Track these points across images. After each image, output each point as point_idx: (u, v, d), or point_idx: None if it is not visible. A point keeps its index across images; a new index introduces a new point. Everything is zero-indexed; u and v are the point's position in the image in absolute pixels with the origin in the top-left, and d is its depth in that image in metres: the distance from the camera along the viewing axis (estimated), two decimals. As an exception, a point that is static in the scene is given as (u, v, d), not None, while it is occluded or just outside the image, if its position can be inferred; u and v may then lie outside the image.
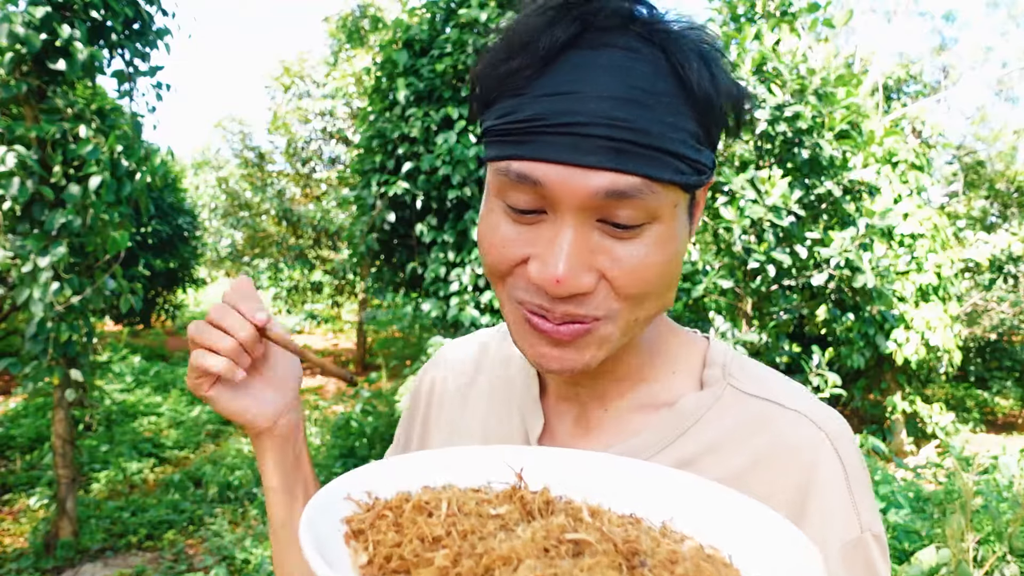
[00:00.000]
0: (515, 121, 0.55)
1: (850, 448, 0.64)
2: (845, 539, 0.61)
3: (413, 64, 6.59)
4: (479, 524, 0.48)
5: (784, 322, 6.91)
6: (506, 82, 0.57)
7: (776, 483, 0.62)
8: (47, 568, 4.55)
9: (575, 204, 0.55)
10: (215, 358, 0.68)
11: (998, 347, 11.54)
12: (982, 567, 2.64)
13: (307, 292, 15.02)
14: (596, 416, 0.71)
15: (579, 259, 0.56)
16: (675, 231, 0.59)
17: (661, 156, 0.54)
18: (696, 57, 0.56)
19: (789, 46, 6.42)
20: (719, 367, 0.69)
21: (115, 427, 7.45)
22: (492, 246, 0.60)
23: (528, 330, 0.61)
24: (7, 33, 3.82)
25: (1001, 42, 26.09)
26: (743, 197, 6.06)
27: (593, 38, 0.55)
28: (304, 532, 0.42)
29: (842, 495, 0.62)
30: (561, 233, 0.56)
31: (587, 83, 0.53)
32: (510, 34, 0.57)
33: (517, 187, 0.57)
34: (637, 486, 0.55)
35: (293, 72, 14.33)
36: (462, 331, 6.09)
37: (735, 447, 0.64)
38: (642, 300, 0.59)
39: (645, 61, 0.55)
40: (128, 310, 4.63)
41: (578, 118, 0.53)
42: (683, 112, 0.55)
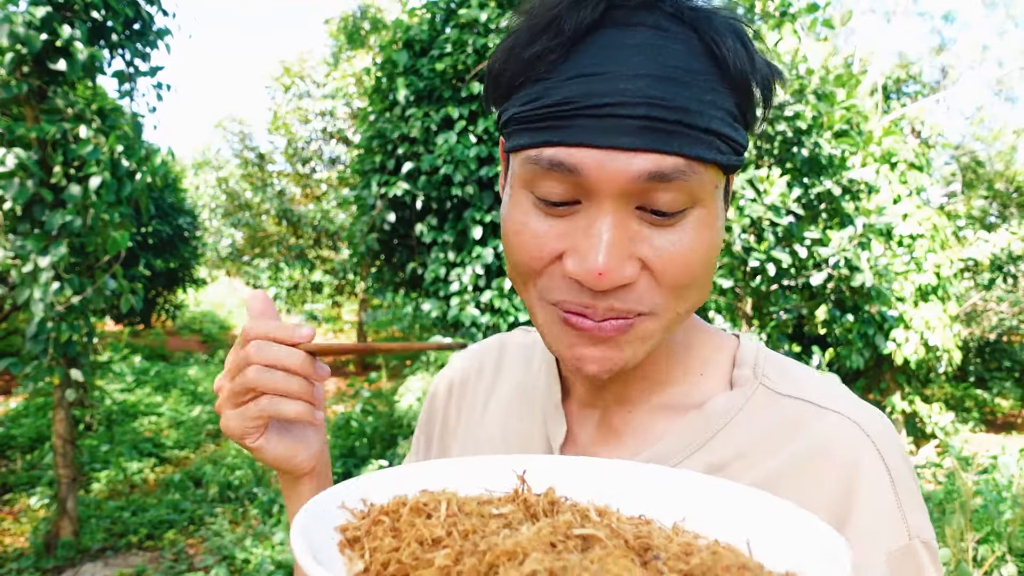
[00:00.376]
0: (545, 106, 0.52)
1: (895, 450, 0.60)
2: (892, 548, 0.56)
3: (413, 64, 6.59)
4: (481, 524, 0.45)
5: (784, 322, 6.92)
6: (531, 67, 0.53)
7: (814, 489, 0.58)
8: (47, 568, 4.55)
9: (614, 191, 0.51)
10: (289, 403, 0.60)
11: (998, 347, 11.55)
12: (981, 567, 2.65)
13: (307, 292, 15.02)
14: (620, 420, 0.67)
15: (620, 248, 0.52)
16: (715, 215, 0.56)
17: (702, 135, 0.52)
18: (731, 34, 0.54)
19: (788, 46, 6.42)
20: (750, 367, 0.65)
21: (115, 427, 7.46)
22: (522, 243, 0.56)
23: (565, 330, 0.57)
24: (8, 33, 3.83)
25: (1000, 42, 26.10)
26: (743, 196, 6.07)
27: (621, 16, 0.52)
28: (297, 538, 0.41)
29: (888, 500, 0.57)
30: (599, 222, 0.52)
31: (619, 63, 0.51)
32: (532, 17, 0.54)
33: (550, 176, 0.53)
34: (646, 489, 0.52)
35: (293, 72, 14.34)
36: (462, 331, 6.09)
37: (768, 451, 0.60)
38: (685, 292, 0.56)
39: (677, 40, 0.52)
40: (128, 310, 4.63)
41: (615, 98, 0.50)
42: (720, 90, 0.53)
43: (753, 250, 6.08)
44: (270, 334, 0.60)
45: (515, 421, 0.73)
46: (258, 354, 0.60)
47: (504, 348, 0.82)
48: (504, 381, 0.78)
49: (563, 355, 0.58)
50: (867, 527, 0.57)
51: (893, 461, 0.59)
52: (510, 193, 0.58)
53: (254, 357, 0.60)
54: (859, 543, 0.56)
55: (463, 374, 0.83)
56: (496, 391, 0.78)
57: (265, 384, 0.60)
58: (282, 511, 5.45)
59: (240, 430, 0.62)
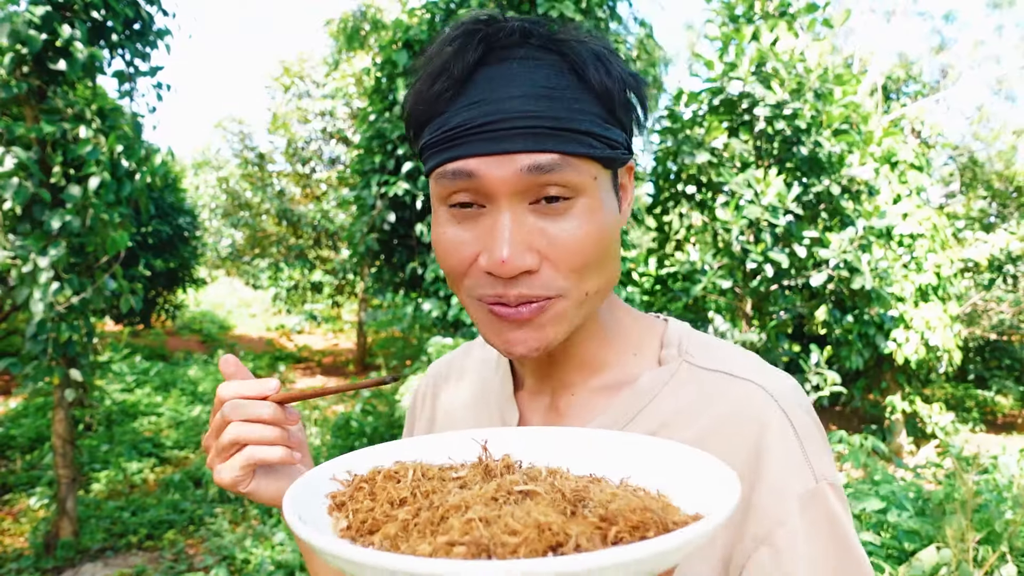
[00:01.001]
0: (446, 131, 0.64)
1: (797, 406, 0.68)
2: (801, 491, 0.64)
3: (413, 64, 6.59)
4: (440, 486, 0.55)
5: (783, 322, 6.92)
6: (433, 105, 0.65)
7: (732, 446, 0.66)
8: (47, 568, 4.55)
9: (507, 190, 0.62)
10: (269, 449, 0.68)
11: (998, 346, 11.54)
12: (982, 567, 2.65)
13: (307, 292, 15.02)
14: (565, 403, 0.76)
15: (519, 240, 0.62)
16: (600, 203, 0.65)
17: (572, 135, 0.62)
18: (590, 56, 0.64)
19: (787, 45, 6.41)
20: (675, 346, 0.75)
21: (115, 427, 7.46)
22: (446, 252, 0.67)
23: (491, 320, 0.67)
24: (8, 33, 3.82)
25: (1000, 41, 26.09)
26: (741, 197, 6.06)
27: (498, 54, 0.64)
28: (287, 506, 0.49)
29: (793, 450, 0.65)
30: (499, 220, 0.63)
31: (499, 90, 0.62)
32: (428, 65, 0.66)
33: (456, 184, 0.64)
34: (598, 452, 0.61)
35: (293, 72, 14.34)
36: (463, 330, 6.09)
37: (691, 418, 0.69)
38: (584, 273, 0.65)
39: (546, 65, 0.63)
40: (128, 310, 4.63)
41: (497, 116, 0.61)
42: (585, 99, 0.64)
43: (751, 251, 6.08)
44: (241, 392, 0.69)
45: (478, 415, 0.85)
46: (233, 412, 0.68)
47: (469, 356, 0.93)
48: (469, 384, 0.89)
49: (494, 342, 0.68)
50: (778, 475, 0.64)
51: (796, 416, 0.67)
52: (433, 213, 0.70)
53: (230, 415, 0.68)
54: (772, 490, 0.64)
55: (435, 380, 0.94)
56: (462, 393, 0.89)
57: (247, 437, 0.68)
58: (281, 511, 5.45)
59: (231, 480, 0.69)
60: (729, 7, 6.97)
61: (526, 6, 6.25)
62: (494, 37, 0.64)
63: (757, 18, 6.91)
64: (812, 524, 0.63)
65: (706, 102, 6.82)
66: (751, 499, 0.65)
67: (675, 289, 7.19)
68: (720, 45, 6.70)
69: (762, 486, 0.64)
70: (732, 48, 6.58)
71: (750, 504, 0.64)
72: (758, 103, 6.23)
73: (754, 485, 0.65)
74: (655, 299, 7.57)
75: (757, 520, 0.64)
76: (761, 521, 0.63)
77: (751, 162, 6.60)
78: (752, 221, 6.03)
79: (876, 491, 3.28)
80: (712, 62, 6.67)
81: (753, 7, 6.88)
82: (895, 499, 3.18)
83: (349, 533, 0.51)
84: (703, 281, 6.56)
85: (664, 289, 7.45)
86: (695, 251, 7.05)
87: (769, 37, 6.32)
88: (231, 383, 0.70)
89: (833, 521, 0.64)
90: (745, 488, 0.65)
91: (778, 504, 0.63)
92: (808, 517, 0.63)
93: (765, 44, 6.26)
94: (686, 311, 7.21)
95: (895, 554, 2.90)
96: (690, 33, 19.22)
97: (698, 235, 7.40)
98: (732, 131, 6.80)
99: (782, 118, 6.22)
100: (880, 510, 3.12)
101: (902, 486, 3.54)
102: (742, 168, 6.60)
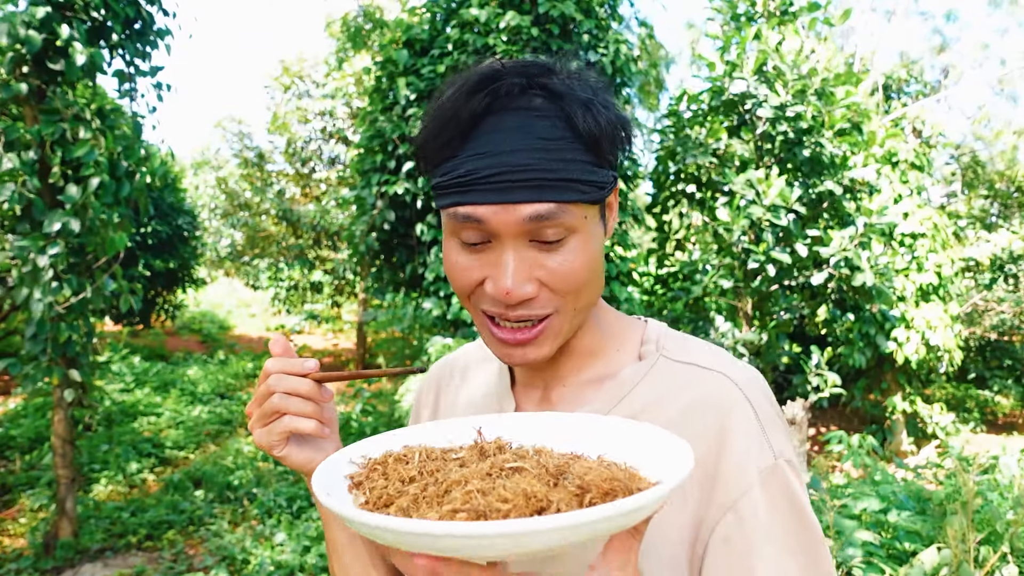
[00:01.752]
0: (455, 177, 0.73)
1: (758, 393, 0.78)
2: (762, 467, 0.73)
3: (413, 64, 6.59)
4: (443, 465, 0.64)
5: (784, 322, 6.90)
6: (441, 150, 0.74)
7: (700, 430, 0.75)
8: (47, 568, 4.55)
9: (511, 232, 0.72)
10: (304, 421, 0.78)
11: (999, 345, 11.53)
12: (983, 567, 2.64)
13: (307, 292, 15.02)
14: (557, 393, 0.87)
15: (521, 273, 0.73)
16: (590, 236, 0.76)
17: (566, 184, 0.72)
18: (580, 106, 0.72)
19: (790, 46, 6.40)
20: (653, 342, 0.85)
21: (115, 427, 7.45)
22: (456, 275, 0.78)
23: (493, 337, 0.78)
24: (8, 33, 3.82)
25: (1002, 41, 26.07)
26: (743, 197, 6.05)
27: (501, 104, 0.72)
28: (316, 485, 0.60)
29: (754, 431, 0.74)
30: (504, 256, 0.73)
31: (502, 143, 0.71)
32: (439, 110, 0.75)
33: (465, 226, 0.74)
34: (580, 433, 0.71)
35: (293, 72, 14.34)
36: (463, 330, 6.08)
37: (665, 405, 0.78)
38: (577, 294, 0.76)
39: (544, 116, 0.72)
40: (128, 310, 4.63)
41: (501, 168, 0.70)
42: (578, 148, 0.73)
43: (753, 251, 6.07)
44: (285, 368, 0.79)
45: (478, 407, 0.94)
46: (277, 384, 0.78)
47: (469, 355, 1.02)
48: (470, 381, 0.98)
49: (495, 352, 0.80)
50: (741, 452, 0.73)
51: (757, 401, 0.77)
52: (444, 239, 0.80)
53: (274, 387, 0.78)
54: (736, 465, 0.73)
55: (439, 383, 1.04)
56: (464, 390, 0.98)
57: (286, 407, 0.78)
58: (282, 511, 5.45)
59: (268, 443, 0.80)
60: (731, 5, 6.96)
61: (527, 5, 6.25)
62: (499, 89, 0.73)
63: (759, 17, 6.90)
64: (771, 495, 0.72)
65: (707, 102, 6.82)
66: (717, 472, 0.73)
67: (675, 289, 7.18)
68: (721, 44, 6.69)
69: (727, 461, 0.73)
70: (734, 48, 6.57)
71: (717, 476, 0.73)
72: (761, 104, 6.22)
73: (719, 460, 0.73)
74: (655, 299, 7.56)
75: (724, 490, 0.72)
76: (727, 491, 0.72)
77: (751, 162, 6.59)
78: (754, 221, 6.02)
79: (876, 491, 3.28)
80: (713, 63, 6.66)
81: (755, 5, 6.87)
82: (895, 499, 3.17)
83: (367, 507, 0.59)
84: (704, 281, 6.55)
85: (664, 289, 7.44)
86: (696, 251, 7.04)
87: (775, 38, 6.31)
88: (277, 359, 0.79)
89: (790, 494, 0.73)
90: (711, 463, 0.74)
91: (741, 476, 0.72)
92: (768, 489, 0.72)
93: (768, 45, 6.25)
94: (686, 311, 7.21)
95: (895, 554, 2.89)
96: (692, 32, 19.21)
97: (698, 235, 7.39)
98: (733, 131, 6.80)
99: (785, 119, 6.21)
100: (880, 510, 3.11)
101: (902, 486, 3.53)
102: (742, 168, 6.59)
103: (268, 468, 6.55)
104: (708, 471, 0.74)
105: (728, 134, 6.73)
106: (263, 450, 0.81)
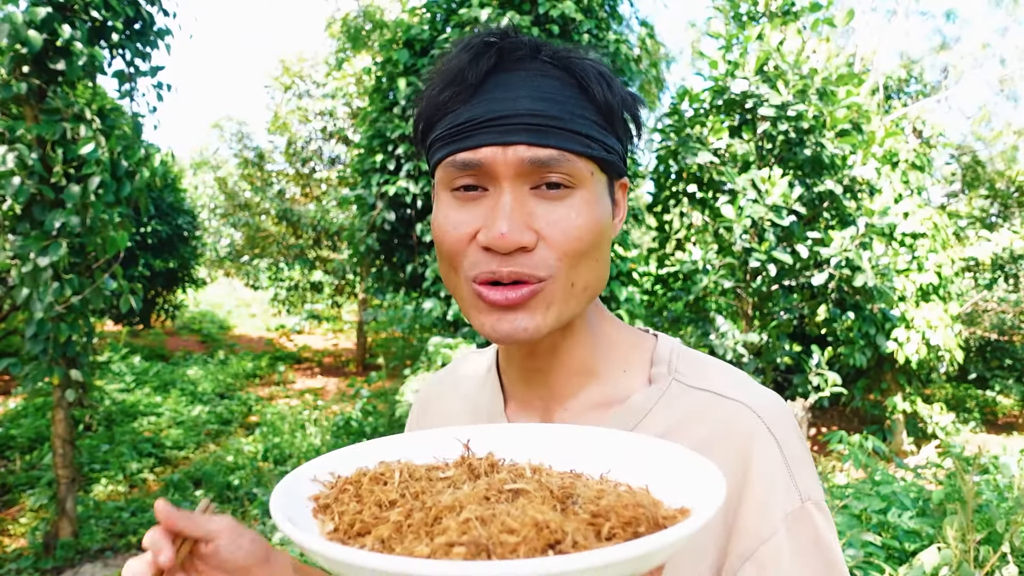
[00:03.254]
0: (455, 125, 0.68)
1: (784, 427, 0.71)
2: (788, 510, 0.66)
3: (414, 63, 6.59)
4: (429, 486, 0.54)
5: (784, 322, 6.90)
6: (445, 107, 0.69)
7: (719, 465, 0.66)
8: (47, 568, 4.54)
9: (509, 174, 0.66)
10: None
11: (999, 346, 11.52)
12: (983, 567, 2.64)
13: (307, 292, 15.02)
14: (557, 416, 0.78)
15: (518, 217, 0.66)
16: (596, 198, 0.69)
17: (570, 134, 0.67)
18: (594, 73, 0.69)
19: (792, 46, 6.40)
20: (665, 364, 0.77)
21: (115, 427, 7.45)
22: (445, 232, 0.70)
23: (481, 305, 0.69)
24: (8, 33, 3.82)
25: (1002, 41, 26.07)
26: (744, 196, 6.05)
27: (509, 64, 0.69)
28: (275, 511, 0.49)
29: (780, 470, 0.68)
30: (501, 199, 0.66)
31: (508, 91, 0.67)
32: (443, 70, 0.70)
33: (462, 173, 0.68)
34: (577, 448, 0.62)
35: (293, 72, 14.33)
36: (463, 330, 6.08)
37: (681, 437, 0.70)
38: (576, 261, 0.68)
39: (552, 78, 0.68)
40: (128, 310, 4.63)
41: (504, 111, 0.66)
42: (587, 107, 0.68)
43: (754, 250, 6.06)
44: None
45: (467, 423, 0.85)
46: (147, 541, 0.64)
47: (457, 372, 0.95)
48: (458, 399, 0.90)
49: (482, 325, 0.69)
50: (764, 494, 0.67)
51: (784, 436, 0.70)
52: (436, 201, 0.73)
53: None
54: (758, 509, 0.66)
55: (425, 405, 0.96)
56: (452, 409, 0.90)
57: None
58: (282, 511, 5.44)
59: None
60: (734, 4, 6.96)
61: (527, 5, 6.25)
62: (507, 49, 0.69)
63: (760, 16, 6.90)
64: (797, 542, 0.65)
65: (708, 101, 6.82)
66: (737, 516, 0.66)
67: (675, 289, 7.18)
68: (723, 44, 6.69)
69: (748, 505, 0.66)
70: (736, 47, 6.57)
71: (736, 521, 0.66)
72: (762, 103, 6.22)
73: (740, 504, 0.67)
74: (655, 299, 7.56)
75: (744, 537, 0.66)
76: (748, 539, 0.66)
77: (752, 161, 6.59)
78: (755, 221, 6.01)
79: (876, 491, 3.27)
80: (716, 62, 6.66)
81: (757, 5, 6.87)
82: (895, 499, 3.17)
83: (337, 536, 0.50)
84: (704, 281, 6.54)
85: (664, 289, 7.44)
86: (696, 250, 7.04)
87: (776, 37, 6.30)
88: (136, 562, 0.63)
89: (818, 540, 0.66)
90: (731, 506, 0.67)
91: (763, 523, 0.66)
92: (794, 536, 0.65)
93: (771, 45, 6.25)
94: (686, 311, 7.20)
95: (895, 554, 2.89)
96: (693, 31, 19.22)
97: (699, 234, 7.39)
98: (734, 131, 6.79)
99: (786, 119, 6.21)
100: (880, 510, 3.11)
101: (902, 486, 3.53)
102: (744, 168, 6.59)
103: (268, 468, 6.55)
104: (727, 515, 0.67)
105: (729, 133, 6.73)
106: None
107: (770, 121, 6.34)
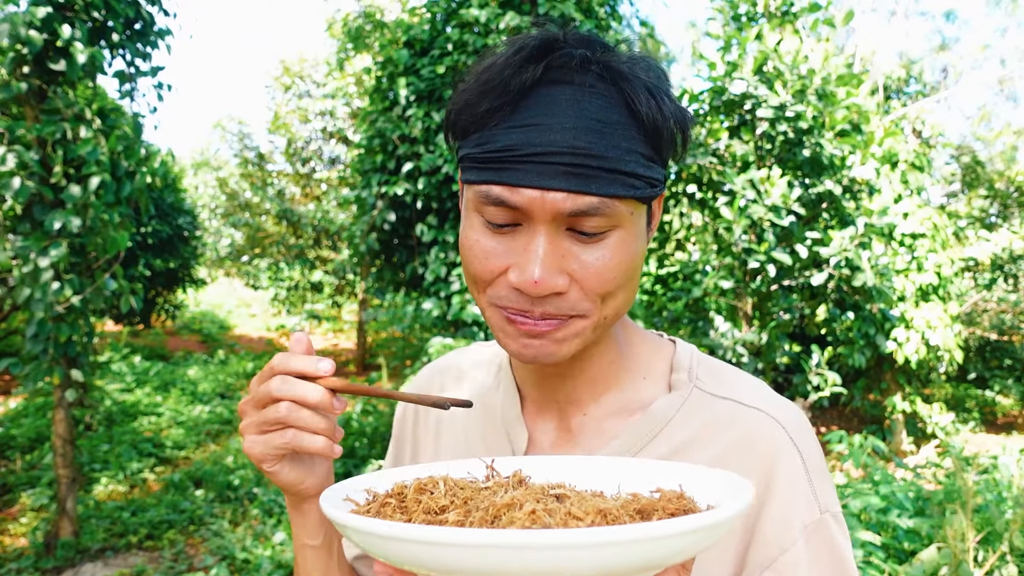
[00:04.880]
0: (492, 150, 0.63)
1: (807, 439, 0.71)
2: (807, 521, 0.67)
3: (414, 64, 6.59)
4: (474, 494, 0.55)
5: (784, 322, 6.91)
6: (481, 119, 0.65)
7: (742, 474, 0.66)
8: (47, 568, 4.55)
9: (547, 218, 0.63)
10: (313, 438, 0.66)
11: (999, 346, 11.52)
12: (983, 567, 2.65)
13: (307, 292, 15.01)
14: (576, 423, 0.77)
15: (552, 263, 0.63)
16: (634, 236, 0.67)
17: (616, 176, 0.63)
18: (644, 91, 0.64)
19: (790, 46, 6.40)
20: (685, 371, 0.76)
21: (115, 427, 7.45)
22: (475, 258, 0.67)
23: (510, 328, 0.67)
24: (8, 33, 3.82)
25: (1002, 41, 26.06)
26: (743, 197, 6.05)
27: (556, 75, 0.64)
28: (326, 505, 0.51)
29: (801, 483, 0.68)
30: (535, 241, 0.63)
31: (551, 116, 0.62)
32: (485, 75, 0.65)
33: (496, 208, 0.64)
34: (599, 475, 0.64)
35: (293, 72, 14.34)
36: (463, 330, 6.08)
37: (703, 445, 0.71)
38: (609, 298, 0.67)
39: (600, 96, 0.63)
40: (128, 310, 4.63)
41: (547, 148, 0.61)
42: (635, 137, 0.64)
43: (754, 251, 6.07)
44: (295, 368, 0.66)
45: (479, 434, 0.83)
46: (284, 389, 0.65)
47: (461, 365, 0.92)
48: (467, 386, 0.88)
49: (509, 346, 0.69)
50: (784, 505, 0.67)
51: (806, 449, 0.70)
52: (465, 214, 0.70)
53: (280, 392, 0.65)
54: (778, 519, 0.67)
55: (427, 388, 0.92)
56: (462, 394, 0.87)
57: (294, 420, 0.65)
58: (282, 511, 5.45)
59: (262, 455, 0.68)
60: (733, 5, 6.96)
61: (527, 6, 6.25)
62: (556, 60, 0.64)
63: (760, 17, 6.90)
64: (815, 553, 0.66)
65: (707, 101, 6.82)
66: (758, 525, 0.67)
67: (675, 289, 7.18)
68: (722, 44, 6.69)
69: (769, 515, 0.67)
70: (735, 48, 6.58)
71: (756, 530, 0.67)
72: (761, 104, 6.22)
73: (761, 513, 0.67)
74: (655, 299, 7.57)
75: (763, 546, 0.67)
76: (768, 548, 0.66)
77: (751, 162, 6.59)
78: (754, 221, 6.02)
79: (876, 491, 3.28)
80: (714, 63, 6.67)
81: (756, 5, 6.88)
82: (895, 499, 3.17)
83: None
84: (704, 281, 6.55)
85: (664, 289, 7.45)
86: (696, 251, 7.04)
87: (774, 38, 6.31)
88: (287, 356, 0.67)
89: (834, 551, 0.67)
90: (752, 514, 0.68)
91: (784, 532, 0.66)
92: (812, 547, 0.66)
93: (769, 45, 6.25)
94: (686, 311, 7.21)
95: (895, 554, 2.89)
96: (693, 31, 19.22)
97: (698, 235, 7.40)
98: (733, 131, 6.80)
99: (785, 120, 6.21)
100: (880, 510, 3.12)
101: (902, 486, 3.53)
102: (743, 168, 6.59)
103: (268, 468, 6.55)
104: (748, 523, 0.67)
105: (729, 134, 6.74)
106: (252, 460, 0.68)
107: (769, 122, 6.34)
